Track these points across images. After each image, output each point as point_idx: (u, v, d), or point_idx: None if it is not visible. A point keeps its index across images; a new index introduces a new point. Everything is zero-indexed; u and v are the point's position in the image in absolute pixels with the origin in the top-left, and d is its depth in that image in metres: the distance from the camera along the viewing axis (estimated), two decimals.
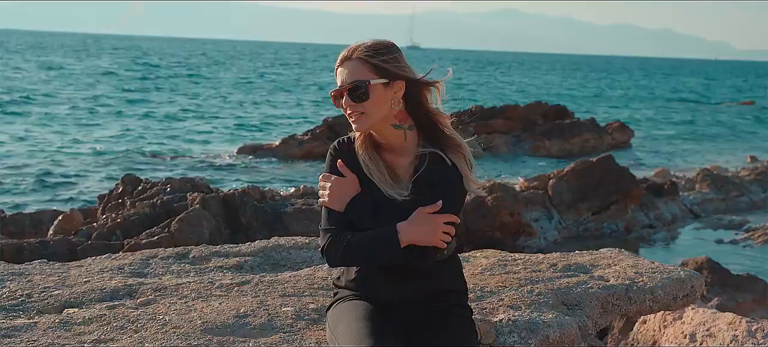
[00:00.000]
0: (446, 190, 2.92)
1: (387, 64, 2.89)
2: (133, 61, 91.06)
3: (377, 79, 2.87)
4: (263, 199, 10.04)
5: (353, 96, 2.88)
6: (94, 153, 24.53)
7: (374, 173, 2.96)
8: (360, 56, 2.89)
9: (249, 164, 23.15)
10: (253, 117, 38.28)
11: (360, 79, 2.87)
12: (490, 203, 11.80)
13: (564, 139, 27.83)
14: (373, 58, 2.88)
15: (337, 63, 2.95)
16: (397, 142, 2.97)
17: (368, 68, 2.88)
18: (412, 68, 2.97)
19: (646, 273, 4.33)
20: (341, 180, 2.97)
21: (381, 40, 2.96)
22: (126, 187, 10.59)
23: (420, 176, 2.93)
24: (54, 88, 48.20)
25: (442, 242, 2.89)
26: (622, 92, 75.57)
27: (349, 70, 2.90)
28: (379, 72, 2.88)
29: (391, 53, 2.92)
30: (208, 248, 4.87)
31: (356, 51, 2.91)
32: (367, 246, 2.90)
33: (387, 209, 2.92)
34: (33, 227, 10.14)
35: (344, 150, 3.02)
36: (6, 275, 4.22)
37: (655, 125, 42.31)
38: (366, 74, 2.88)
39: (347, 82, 2.88)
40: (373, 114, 2.89)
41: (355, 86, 2.87)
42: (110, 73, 65.62)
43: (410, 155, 2.98)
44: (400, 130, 2.95)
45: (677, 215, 16.12)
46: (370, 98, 2.87)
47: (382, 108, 2.89)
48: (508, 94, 64.00)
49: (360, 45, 2.93)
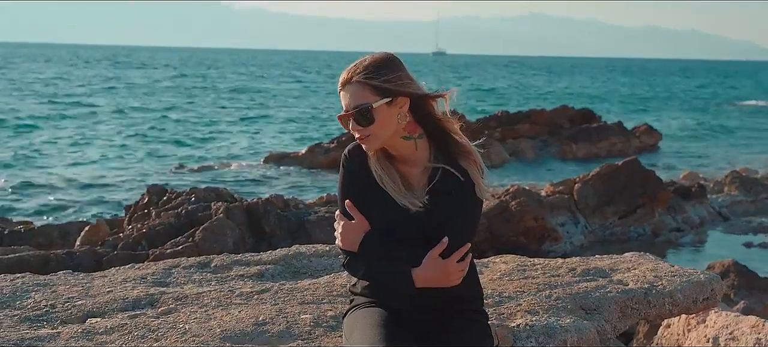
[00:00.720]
0: (461, 204, 2.95)
1: (388, 84, 2.87)
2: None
3: (380, 101, 2.86)
4: (286, 207, 10.10)
5: (359, 120, 2.88)
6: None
7: (387, 183, 2.97)
8: (359, 80, 2.87)
9: (275, 174, 23.26)
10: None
11: (362, 103, 2.85)
12: (514, 208, 11.78)
13: (591, 143, 27.69)
14: (373, 79, 2.86)
15: (338, 86, 2.94)
16: (408, 152, 2.98)
17: (369, 90, 2.86)
18: (413, 78, 2.96)
19: (665, 276, 4.31)
20: (351, 224, 2.98)
21: (379, 55, 2.94)
22: (151, 197, 10.72)
23: (435, 186, 2.94)
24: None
25: (457, 280, 2.94)
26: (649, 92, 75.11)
27: (350, 94, 2.88)
28: (381, 92, 2.86)
29: (390, 71, 2.89)
30: (230, 257, 4.91)
31: (355, 74, 2.89)
32: (382, 281, 2.98)
33: (401, 226, 2.94)
34: (61, 239, 10.29)
35: (356, 158, 3.03)
36: (31, 286, 4.28)
37: (684, 128, 41.98)
38: (368, 97, 2.86)
39: (351, 106, 2.88)
40: (380, 135, 2.90)
41: (359, 111, 2.86)
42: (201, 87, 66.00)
43: (422, 163, 2.99)
44: (410, 141, 2.96)
45: (705, 218, 15.98)
46: (375, 121, 2.86)
47: (389, 127, 2.89)
48: (533, 98, 63.78)
49: (358, 66, 2.90)
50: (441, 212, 2.93)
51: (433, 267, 2.89)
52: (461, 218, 2.95)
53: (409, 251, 2.93)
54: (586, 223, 13.92)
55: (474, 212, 3.00)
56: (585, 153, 27.05)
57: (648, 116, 47.86)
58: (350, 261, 3.02)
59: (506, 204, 11.78)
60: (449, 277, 2.92)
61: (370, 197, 2.99)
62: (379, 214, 2.97)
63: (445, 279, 2.92)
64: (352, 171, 3.02)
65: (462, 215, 2.95)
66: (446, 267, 2.90)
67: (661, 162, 27.40)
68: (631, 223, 14.30)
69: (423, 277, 2.90)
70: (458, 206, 2.94)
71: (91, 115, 39.44)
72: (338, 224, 3.03)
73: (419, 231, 2.94)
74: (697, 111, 54.64)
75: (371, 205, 2.98)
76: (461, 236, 2.94)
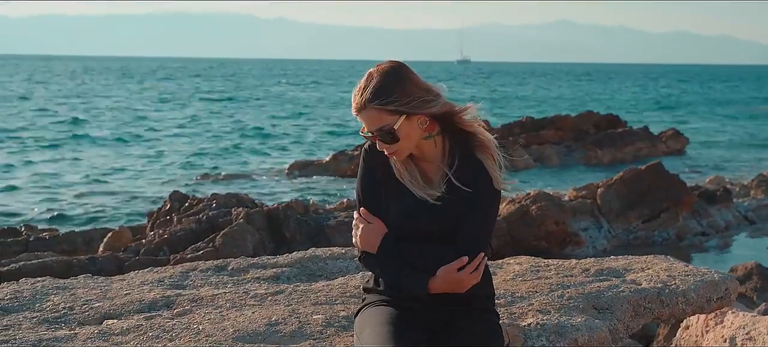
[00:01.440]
0: (478, 198, 2.99)
1: (402, 106, 2.88)
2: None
3: (399, 120, 2.89)
4: (306, 213, 10.17)
5: (384, 140, 2.93)
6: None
7: (405, 177, 3.02)
8: (373, 107, 2.89)
9: (299, 182, 23.34)
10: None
11: (384, 126, 2.90)
12: (534, 212, 11.77)
13: (616, 148, 27.55)
14: (386, 104, 2.88)
15: (353, 109, 2.97)
16: (428, 149, 3.03)
17: (387, 113, 2.89)
18: (423, 84, 2.95)
19: (679, 276, 4.30)
20: (369, 227, 3.05)
21: (385, 69, 2.93)
22: (173, 204, 10.84)
23: (452, 179, 2.98)
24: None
25: (469, 286, 2.99)
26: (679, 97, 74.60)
27: (368, 119, 2.92)
28: (399, 113, 2.89)
29: (401, 87, 2.89)
30: (247, 260, 4.95)
31: (366, 100, 2.89)
32: (397, 284, 3.04)
33: (418, 219, 3.00)
34: (85, 245, 10.42)
35: (375, 152, 3.07)
36: (51, 289, 4.34)
37: (711, 132, 41.66)
38: (386, 119, 2.89)
39: (374, 130, 2.92)
40: (407, 146, 2.96)
41: (382, 134, 2.91)
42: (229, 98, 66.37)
43: (439, 158, 3.04)
44: (430, 139, 3.00)
45: (731, 222, 15.86)
46: (400, 139, 2.92)
47: (414, 138, 2.96)
48: (559, 104, 63.55)
49: (366, 88, 2.89)
50: (458, 204, 2.97)
51: (448, 278, 2.95)
52: (478, 216, 2.99)
53: (424, 254, 2.99)
54: (610, 227, 13.86)
55: (491, 206, 3.04)
56: (610, 158, 26.90)
57: (675, 120, 47.53)
58: (367, 258, 3.09)
59: (527, 208, 11.77)
60: (463, 285, 2.98)
61: (389, 191, 3.05)
62: (397, 207, 3.03)
63: (459, 287, 2.98)
64: (371, 165, 3.08)
65: (478, 213, 2.99)
66: (461, 277, 2.96)
67: (687, 166, 27.22)
68: (655, 227, 14.23)
69: (437, 286, 2.96)
70: (475, 202, 2.98)
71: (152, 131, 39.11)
72: (357, 226, 3.08)
73: (436, 224, 2.99)
74: (726, 116, 54.16)
75: (389, 198, 3.05)
76: (478, 240, 2.99)
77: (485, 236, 3.03)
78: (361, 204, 3.11)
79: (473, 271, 2.97)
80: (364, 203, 3.10)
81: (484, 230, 3.02)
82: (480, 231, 3.00)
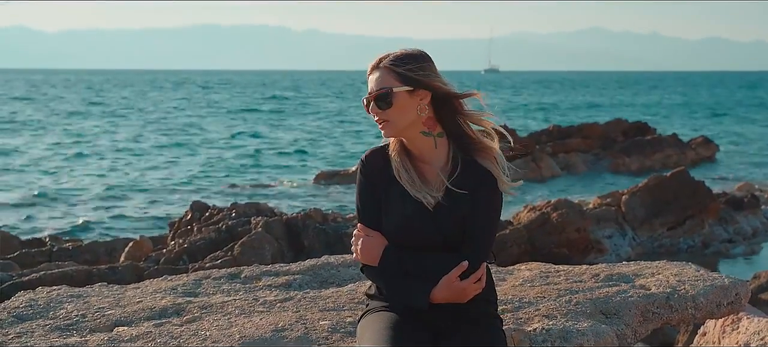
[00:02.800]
0: (480, 204, 2.99)
1: (412, 73, 2.95)
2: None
3: (401, 87, 2.94)
4: (325, 221, 10.22)
5: (378, 104, 2.96)
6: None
7: (403, 176, 3.03)
8: (386, 65, 2.98)
9: (324, 192, 23.42)
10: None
11: (385, 87, 2.95)
12: (555, 220, 11.73)
13: (644, 155, 27.34)
14: (399, 67, 2.96)
15: (368, 71, 3.04)
16: (427, 149, 3.03)
17: (394, 77, 2.95)
18: (443, 77, 3.02)
19: (688, 280, 4.27)
20: (369, 240, 3.06)
21: (411, 49, 3.03)
22: (194, 213, 10.95)
23: (454, 182, 2.99)
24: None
25: (471, 296, 3.01)
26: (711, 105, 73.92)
27: (375, 78, 2.99)
28: (404, 80, 2.95)
29: (417, 63, 2.98)
30: (259, 268, 4.98)
31: (384, 60, 3.00)
32: (399, 297, 3.04)
33: (418, 225, 3.00)
34: (107, 255, 10.54)
35: (372, 162, 3.10)
36: (65, 297, 4.40)
37: (742, 140, 41.21)
38: (391, 82, 2.95)
39: (374, 90, 2.98)
40: (397, 121, 2.97)
41: (380, 95, 2.95)
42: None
43: (440, 162, 3.03)
44: (429, 137, 3.01)
45: (758, 228, 15.69)
46: (393, 106, 2.95)
47: (407, 115, 2.96)
48: (585, 111, 63.21)
49: (389, 54, 3.01)
50: (458, 210, 2.98)
51: (449, 288, 2.96)
52: (481, 224, 3.00)
53: (425, 263, 2.99)
54: (634, 235, 13.78)
55: (494, 214, 3.04)
56: (638, 166, 26.69)
57: (706, 127, 47.09)
58: (368, 271, 3.12)
59: (548, 216, 11.74)
60: (466, 294, 2.99)
61: (388, 197, 3.06)
62: (397, 213, 3.03)
63: (462, 296, 2.99)
64: (368, 175, 3.09)
65: (481, 220, 3.00)
66: (464, 287, 2.97)
67: (717, 173, 26.97)
68: (681, 234, 14.12)
69: (439, 296, 2.97)
70: (478, 209, 2.99)
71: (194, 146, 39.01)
72: (357, 239, 3.10)
73: (436, 230, 3.00)
74: (759, 123, 53.54)
75: (389, 204, 3.05)
76: (481, 249, 3.00)
77: (488, 244, 3.04)
78: (360, 216, 3.13)
79: (476, 281, 2.99)
80: (364, 215, 3.11)
81: (488, 238, 3.03)
82: (483, 240, 3.01)
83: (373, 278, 3.13)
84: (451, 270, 2.95)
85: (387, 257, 3.03)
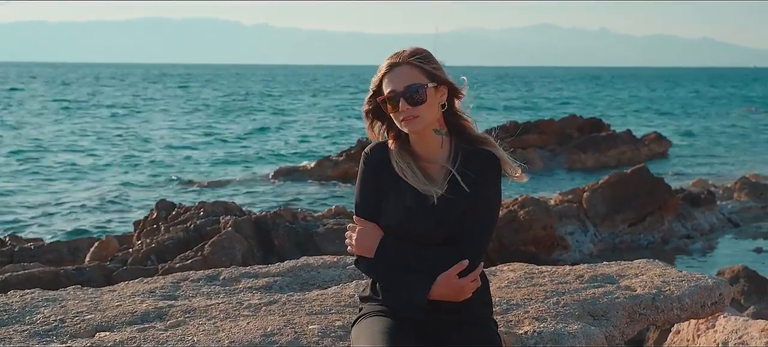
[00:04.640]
0: (481, 201, 2.99)
1: (437, 70, 2.99)
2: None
3: (430, 84, 2.96)
4: (295, 220, 10.14)
5: (410, 100, 2.94)
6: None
7: (408, 173, 3.02)
8: (412, 62, 2.97)
9: (284, 188, 23.29)
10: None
11: (417, 83, 2.94)
12: (522, 217, 11.79)
13: (600, 152, 27.66)
14: (425, 64, 2.97)
15: (383, 69, 3.01)
16: (433, 147, 3.04)
17: (422, 73, 2.96)
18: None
19: (673, 281, 4.31)
20: (365, 231, 3.04)
21: (421, 47, 3.05)
22: (160, 212, 10.78)
23: (459, 170, 2.99)
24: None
25: (468, 295, 3.00)
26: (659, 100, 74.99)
27: (400, 75, 2.96)
28: (430, 77, 2.97)
29: (435, 60, 3.02)
30: (238, 270, 4.92)
31: (405, 57, 2.98)
32: (395, 289, 3.03)
33: (420, 219, 2.99)
34: (70, 255, 10.34)
35: (375, 155, 3.09)
36: (40, 301, 4.29)
37: (694, 135, 41.88)
38: (421, 79, 2.95)
39: (404, 85, 2.94)
40: (426, 117, 2.97)
41: (414, 90, 2.93)
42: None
43: (443, 160, 3.04)
44: (439, 135, 3.03)
45: (715, 224, 15.95)
46: (426, 102, 2.94)
47: (434, 111, 2.98)
48: (542, 105, 63.70)
49: (406, 51, 3.01)
50: (459, 205, 2.98)
51: (448, 285, 2.95)
52: (480, 219, 2.99)
53: (425, 256, 2.97)
54: (596, 231, 13.91)
55: (494, 209, 3.05)
56: (594, 162, 27.02)
57: (656, 123, 47.75)
58: (363, 263, 3.08)
59: (515, 214, 11.80)
60: (464, 292, 2.98)
61: (390, 193, 3.04)
62: (397, 207, 3.01)
63: (461, 293, 2.98)
64: (372, 168, 3.08)
65: (481, 215, 2.99)
66: (462, 284, 2.96)
67: (670, 170, 27.35)
68: (641, 231, 14.29)
69: (437, 292, 2.95)
70: (478, 204, 2.98)
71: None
72: (353, 230, 3.07)
73: (437, 225, 2.99)
74: (706, 117, 54.47)
75: (391, 199, 3.04)
76: (480, 244, 3.00)
77: (487, 240, 3.04)
78: (359, 207, 3.10)
79: (473, 280, 2.98)
80: (362, 207, 3.09)
81: (486, 236, 3.02)
82: (482, 237, 3.00)
83: (369, 270, 3.09)
84: (451, 265, 2.94)
85: (384, 249, 3.01)
